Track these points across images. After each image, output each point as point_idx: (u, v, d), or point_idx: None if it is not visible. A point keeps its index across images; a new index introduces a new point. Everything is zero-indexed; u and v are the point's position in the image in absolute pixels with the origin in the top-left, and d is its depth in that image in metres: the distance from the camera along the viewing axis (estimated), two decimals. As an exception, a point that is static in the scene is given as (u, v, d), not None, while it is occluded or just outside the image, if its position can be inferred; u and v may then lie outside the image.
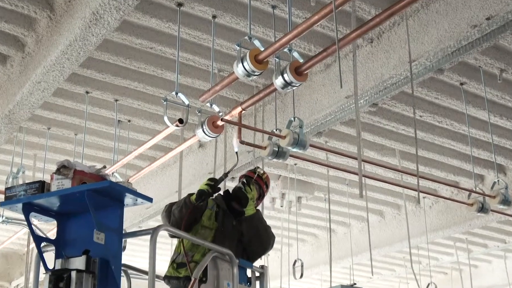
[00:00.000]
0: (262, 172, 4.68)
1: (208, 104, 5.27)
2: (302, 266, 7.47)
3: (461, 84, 6.35)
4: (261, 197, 4.68)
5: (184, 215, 4.26)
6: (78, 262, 3.43)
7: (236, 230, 4.35)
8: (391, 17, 4.02)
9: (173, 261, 4.25)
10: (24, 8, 5.32)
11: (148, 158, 8.36)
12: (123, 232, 3.64)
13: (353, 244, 10.10)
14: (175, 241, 4.80)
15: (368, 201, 8.35)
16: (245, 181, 4.55)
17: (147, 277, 3.53)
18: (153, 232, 3.56)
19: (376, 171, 8.32)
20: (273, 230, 4.66)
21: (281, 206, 9.05)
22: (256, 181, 4.61)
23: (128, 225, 8.89)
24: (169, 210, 4.35)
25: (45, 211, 3.71)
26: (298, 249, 9.29)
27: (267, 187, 4.69)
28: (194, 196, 4.33)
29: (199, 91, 6.40)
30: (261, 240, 4.42)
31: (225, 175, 4.49)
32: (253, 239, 4.38)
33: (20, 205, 3.63)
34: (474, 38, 5.00)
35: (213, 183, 4.35)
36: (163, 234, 4.17)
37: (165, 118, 5.16)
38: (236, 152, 4.81)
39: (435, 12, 5.21)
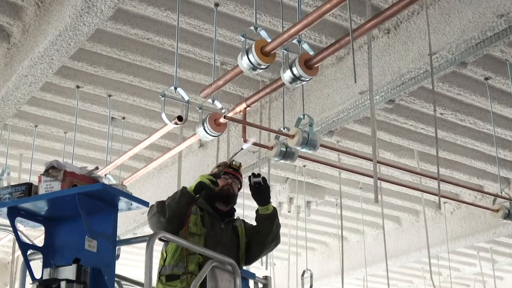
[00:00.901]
0: (238, 164, 4.60)
1: (209, 100, 5.27)
2: (311, 277, 7.46)
3: (486, 79, 6.33)
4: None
5: (184, 207, 4.15)
6: (68, 272, 3.43)
7: (226, 234, 4.32)
8: (409, 5, 4.01)
9: (159, 274, 4.20)
10: (10, -5, 5.34)
11: (144, 159, 8.37)
12: (117, 239, 3.64)
13: (367, 253, 10.08)
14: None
15: (383, 206, 8.33)
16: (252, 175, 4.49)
17: (142, 288, 3.53)
18: (149, 240, 3.55)
19: (392, 173, 8.30)
20: (281, 239, 4.64)
21: (289, 212, 9.04)
22: (235, 176, 4.53)
23: (122, 231, 8.89)
24: (161, 206, 4.18)
25: (32, 216, 3.71)
26: (307, 258, 9.28)
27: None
28: (192, 187, 4.24)
29: (200, 85, 6.40)
30: (277, 241, 4.44)
31: (224, 166, 4.44)
32: (276, 238, 4.39)
33: (5, 209, 3.63)
34: (501, 29, 4.99)
35: (216, 179, 4.30)
36: (159, 242, 4.16)
37: (163, 115, 5.16)
38: (242, 148, 4.80)
39: (457, 0, 5.20)
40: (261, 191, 4.41)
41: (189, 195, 4.20)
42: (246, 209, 7.13)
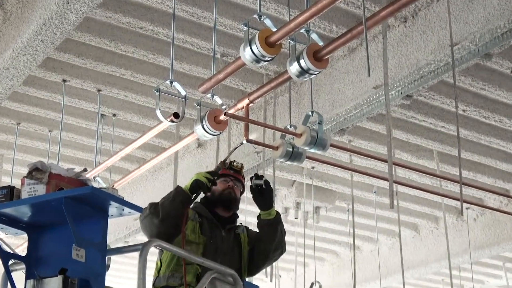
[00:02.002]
0: (240, 165, 4.57)
1: (209, 96, 5.27)
2: (320, 290, 7.47)
3: (513, 72, 6.33)
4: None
5: (179, 207, 4.09)
6: (54, 283, 3.43)
7: (227, 242, 4.32)
8: (429, -9, 4.01)
9: (154, 286, 4.20)
10: (-10, -21, 5.35)
11: (137, 160, 8.37)
12: (107, 248, 3.64)
13: (382, 264, 10.07)
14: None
15: (400, 212, 8.33)
16: (254, 176, 4.47)
17: (135, 302, 3.54)
18: (142, 248, 3.55)
19: (410, 176, 8.29)
20: (286, 247, 4.65)
21: (296, 218, 9.04)
22: (237, 178, 4.52)
23: (113, 239, 8.90)
24: (155, 207, 4.13)
25: (14, 222, 3.71)
26: (316, 269, 9.28)
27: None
28: (188, 186, 4.19)
29: (198, 79, 6.40)
30: (282, 249, 4.42)
31: (222, 164, 4.43)
32: (280, 246, 4.37)
33: (-16, 215, 3.64)
34: (529, 17, 4.99)
35: (213, 177, 4.24)
36: (155, 251, 4.16)
37: (158, 112, 5.16)
38: (242, 143, 4.78)
39: (482, -15, 5.21)
40: (263, 194, 4.40)
41: (184, 193, 4.17)
42: (249, 215, 7.14)
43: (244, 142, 5.07)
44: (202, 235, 4.23)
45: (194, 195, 4.21)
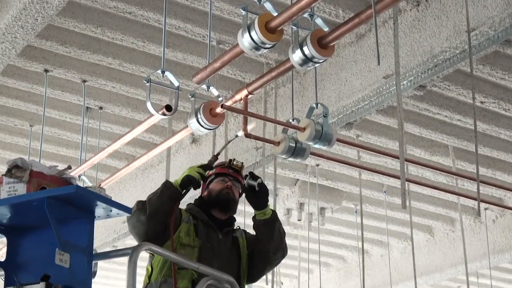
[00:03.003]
0: (240, 164, 4.58)
1: (204, 86, 5.27)
2: (326, 298, 7.48)
3: (536, 60, 6.33)
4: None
5: (167, 202, 4.13)
6: (35, 291, 3.44)
7: (224, 246, 4.33)
8: (444, -28, 4.01)
9: None
10: (-35, -40, 5.35)
11: (126, 157, 8.38)
12: (94, 252, 3.65)
13: (393, 269, 10.09)
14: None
15: (412, 213, 8.34)
16: (248, 174, 4.48)
17: (124, 311, 3.54)
18: (132, 253, 3.55)
19: (423, 174, 8.30)
20: (288, 252, 4.66)
21: (299, 220, 9.05)
22: (236, 178, 4.53)
23: (100, 244, 8.91)
24: (142, 204, 4.17)
25: (-8, 225, 3.72)
26: (321, 276, 9.29)
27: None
28: (178, 180, 4.24)
29: (193, 69, 6.40)
30: (284, 251, 4.42)
31: (215, 157, 4.45)
32: (280, 248, 4.37)
33: (-41, 217, 3.64)
34: (553, 0, 4.99)
35: (205, 172, 4.29)
36: (145, 257, 4.17)
37: (148, 105, 5.16)
38: (237, 135, 4.78)
39: (501, -35, 5.21)
40: (256, 194, 4.41)
41: (173, 188, 4.22)
42: (248, 216, 7.14)
43: (240, 134, 5.07)
44: (197, 238, 4.23)
45: (184, 191, 4.25)
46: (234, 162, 4.48)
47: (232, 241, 4.38)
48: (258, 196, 4.40)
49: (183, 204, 4.37)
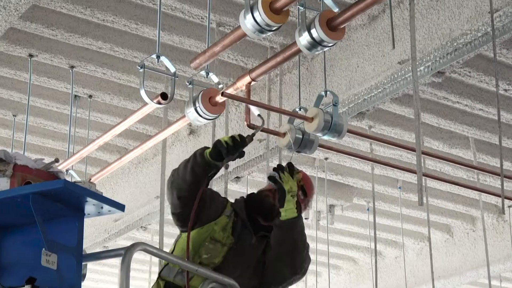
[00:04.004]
0: (298, 171, 4.52)
1: (203, 73, 5.28)
2: (335, 303, 7.50)
3: None
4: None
5: (192, 175, 4.05)
6: (20, 295, 3.45)
7: (255, 252, 4.29)
8: None
9: (159, 275, 4.21)
10: None
11: (118, 150, 8.38)
12: (83, 253, 3.66)
13: (408, 272, 10.09)
14: (156, 267, 4.77)
15: (430, 211, 8.34)
16: (277, 167, 4.39)
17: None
18: (125, 254, 3.56)
19: (442, 168, 8.30)
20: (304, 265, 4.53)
21: (306, 219, 9.04)
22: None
23: (89, 244, 8.93)
24: (172, 174, 4.17)
25: (-28, 223, 3.73)
26: (330, 279, 9.30)
27: (305, 193, 4.49)
28: (209, 150, 4.12)
29: (190, 53, 6.40)
30: (295, 262, 4.27)
31: (250, 138, 4.29)
32: (282, 256, 4.26)
33: None
34: None
35: (239, 140, 4.09)
36: (139, 258, 4.18)
37: (142, 92, 5.17)
38: (259, 115, 4.69)
39: None
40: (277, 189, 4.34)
41: (201, 156, 4.10)
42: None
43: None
44: (232, 235, 4.20)
45: (214, 161, 4.10)
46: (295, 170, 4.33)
47: (265, 248, 4.32)
48: (277, 192, 4.30)
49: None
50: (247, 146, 4.17)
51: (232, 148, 4.08)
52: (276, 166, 4.31)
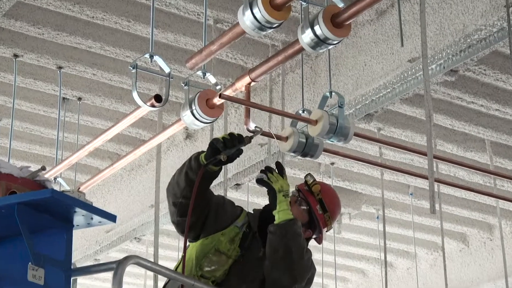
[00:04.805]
0: (311, 180, 4.52)
1: (199, 73, 5.28)
2: (343, 318, 7.50)
3: None
4: (312, 224, 4.42)
5: (185, 179, 4.03)
6: (5, 312, 3.46)
7: (260, 265, 4.27)
8: None
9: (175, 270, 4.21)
10: None
11: (109, 155, 8.38)
12: (72, 267, 3.66)
13: (421, 285, 10.09)
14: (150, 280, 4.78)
15: (443, 219, 8.34)
16: (264, 168, 4.37)
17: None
18: (117, 268, 3.55)
19: (456, 173, 8.29)
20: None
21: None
22: (303, 196, 4.50)
23: (80, 257, 8.93)
24: (170, 182, 4.16)
25: (-46, 236, 3.73)
26: (337, 292, 9.30)
27: (324, 209, 4.47)
28: (204, 154, 4.05)
29: (186, 52, 6.40)
30: (293, 269, 4.24)
31: (249, 139, 4.24)
32: (278, 264, 4.23)
33: None
34: None
35: (237, 136, 4.03)
36: (133, 271, 4.18)
37: (135, 94, 5.17)
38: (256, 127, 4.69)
39: None
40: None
41: (196, 162, 4.04)
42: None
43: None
44: (239, 248, 4.19)
45: (208, 163, 4.01)
46: (307, 178, 4.42)
47: None
48: (268, 194, 4.29)
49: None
50: (247, 147, 4.16)
51: (229, 141, 4.01)
52: (263, 168, 4.32)
